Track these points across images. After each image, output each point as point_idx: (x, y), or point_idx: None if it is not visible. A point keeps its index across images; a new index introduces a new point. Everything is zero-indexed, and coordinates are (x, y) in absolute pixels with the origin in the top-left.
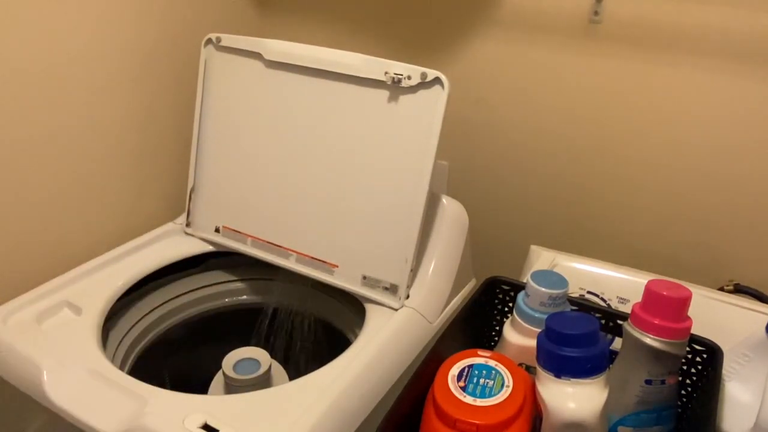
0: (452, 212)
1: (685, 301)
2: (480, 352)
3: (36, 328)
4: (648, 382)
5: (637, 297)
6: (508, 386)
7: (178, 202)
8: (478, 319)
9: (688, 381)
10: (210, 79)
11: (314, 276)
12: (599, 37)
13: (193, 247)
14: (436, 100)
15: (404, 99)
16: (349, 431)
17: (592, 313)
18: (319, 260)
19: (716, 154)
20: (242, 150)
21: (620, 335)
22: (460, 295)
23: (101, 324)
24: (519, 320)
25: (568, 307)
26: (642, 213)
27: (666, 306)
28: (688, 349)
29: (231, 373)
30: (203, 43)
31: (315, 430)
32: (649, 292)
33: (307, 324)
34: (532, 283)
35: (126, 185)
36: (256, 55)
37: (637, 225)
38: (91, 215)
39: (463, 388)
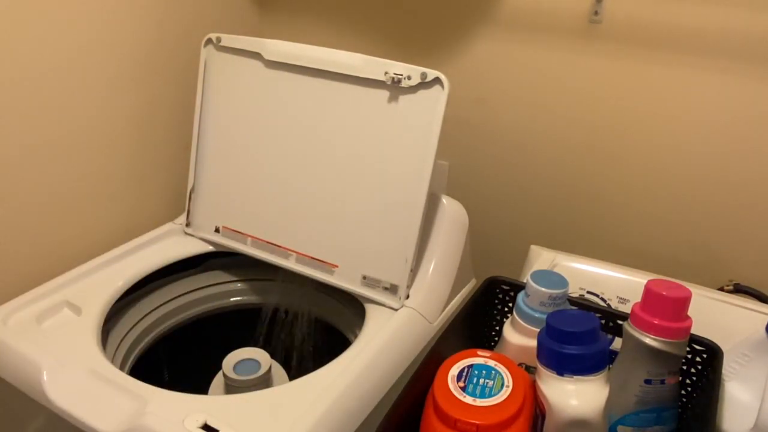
0: (452, 212)
1: (685, 301)
2: (480, 352)
3: (36, 328)
4: (648, 382)
5: (637, 297)
6: (507, 386)
7: (178, 202)
8: (478, 319)
9: (688, 381)
10: (210, 79)
11: (314, 276)
12: (599, 37)
13: (193, 247)
14: (436, 100)
15: (404, 99)
16: (349, 431)
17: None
18: (319, 260)
19: (716, 154)
20: (242, 150)
21: (620, 335)
22: (460, 295)
23: (101, 324)
24: (519, 320)
25: (568, 307)
26: (642, 213)
27: (666, 306)
28: (688, 349)
29: (231, 374)
30: (203, 43)
31: (315, 430)
32: (649, 292)
33: (307, 324)
34: (532, 283)
35: (126, 185)
36: (256, 55)
37: (637, 225)
38: (91, 215)
39: (463, 388)
